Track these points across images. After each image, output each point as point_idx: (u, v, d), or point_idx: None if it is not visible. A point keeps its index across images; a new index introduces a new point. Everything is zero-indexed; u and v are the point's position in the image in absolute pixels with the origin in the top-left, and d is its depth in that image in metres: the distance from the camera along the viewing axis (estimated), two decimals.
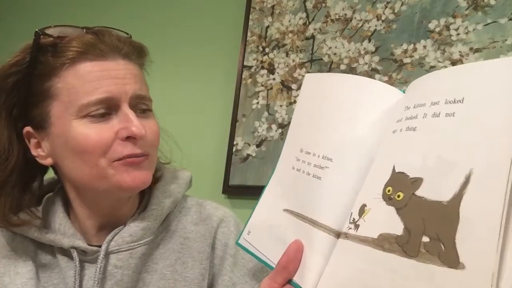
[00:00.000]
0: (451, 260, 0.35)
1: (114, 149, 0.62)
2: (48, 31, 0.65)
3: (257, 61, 1.56)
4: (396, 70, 1.35)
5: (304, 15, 1.52)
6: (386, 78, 1.35)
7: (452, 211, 0.36)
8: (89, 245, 0.68)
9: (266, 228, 0.57)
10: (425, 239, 0.38)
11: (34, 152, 0.67)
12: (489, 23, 1.25)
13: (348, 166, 0.49)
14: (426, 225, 0.38)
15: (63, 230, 0.69)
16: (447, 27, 1.30)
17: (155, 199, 0.71)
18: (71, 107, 0.63)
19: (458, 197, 0.36)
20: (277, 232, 0.55)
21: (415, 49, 1.33)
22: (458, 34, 1.28)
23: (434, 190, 0.38)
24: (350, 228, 0.46)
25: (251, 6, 1.60)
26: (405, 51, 1.34)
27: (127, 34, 0.70)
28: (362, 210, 0.45)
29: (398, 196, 0.41)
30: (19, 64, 0.65)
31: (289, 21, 1.54)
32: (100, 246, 0.67)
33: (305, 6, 1.52)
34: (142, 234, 0.68)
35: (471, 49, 1.26)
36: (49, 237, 0.68)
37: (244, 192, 1.50)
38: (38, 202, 0.74)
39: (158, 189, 0.73)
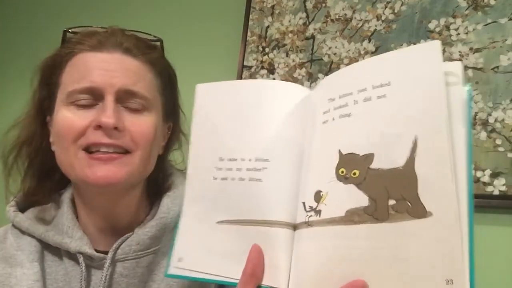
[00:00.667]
0: (420, 212, 0.42)
1: (85, 137, 0.63)
2: (74, 30, 0.70)
3: (257, 61, 1.56)
4: None
5: (304, 15, 1.52)
6: None
7: (409, 173, 0.43)
8: (96, 250, 0.67)
9: (201, 248, 0.55)
10: (391, 202, 0.43)
11: (50, 139, 0.70)
12: (489, 23, 1.25)
13: (285, 162, 0.52)
14: (389, 190, 0.44)
15: (70, 233, 0.68)
16: (447, 27, 1.30)
17: (165, 207, 0.70)
18: (63, 94, 0.66)
19: (411, 160, 0.43)
20: (217, 247, 0.54)
21: None
22: (458, 34, 1.28)
23: (387, 160, 0.44)
24: (311, 216, 0.48)
25: (251, 6, 1.60)
26: None
27: (155, 36, 0.72)
28: (318, 196, 0.48)
29: (354, 173, 0.46)
30: (48, 59, 0.71)
31: (289, 21, 1.54)
32: (106, 253, 0.66)
33: (305, 6, 1.52)
34: (150, 243, 0.67)
35: (471, 49, 1.26)
36: (56, 239, 0.67)
37: None
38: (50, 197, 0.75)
39: (168, 196, 0.72)
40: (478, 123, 1.22)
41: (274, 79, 1.52)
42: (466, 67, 1.26)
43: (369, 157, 0.45)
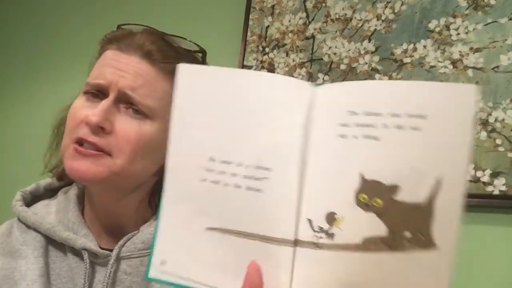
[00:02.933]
0: (429, 245, 0.45)
1: (76, 130, 0.64)
2: (125, 28, 0.73)
3: (257, 61, 1.56)
4: (396, 70, 1.35)
5: (304, 15, 1.52)
6: (386, 78, 1.35)
7: (428, 209, 0.45)
8: (100, 247, 0.67)
9: (188, 253, 0.51)
10: (407, 234, 0.45)
11: None
12: (489, 23, 1.25)
13: (289, 172, 0.47)
14: (408, 224, 0.45)
15: (76, 230, 0.68)
16: (447, 27, 1.30)
17: None
18: (84, 84, 0.69)
19: (432, 199, 0.45)
20: (207, 255, 0.50)
21: (415, 49, 1.33)
22: (458, 34, 1.28)
23: (411, 194, 0.45)
24: (321, 238, 0.45)
25: (251, 6, 1.60)
26: (405, 51, 1.34)
27: (198, 46, 0.73)
28: (331, 218, 0.46)
29: (377, 202, 0.45)
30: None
31: (289, 21, 1.54)
32: (111, 250, 0.66)
33: (305, 6, 1.52)
34: None
35: (471, 49, 1.26)
36: (62, 235, 0.68)
37: None
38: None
39: None
40: (478, 123, 1.22)
41: None
42: (466, 67, 1.26)
43: (394, 189, 0.45)
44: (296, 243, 0.46)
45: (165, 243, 0.52)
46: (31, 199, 0.75)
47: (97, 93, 0.66)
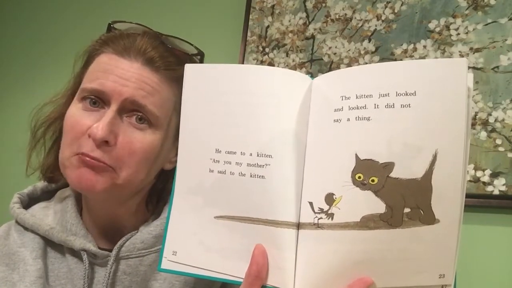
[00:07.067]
0: (430, 219, 0.45)
1: (78, 143, 0.63)
2: (116, 25, 0.70)
3: (257, 61, 1.56)
4: None
5: (304, 15, 1.52)
6: None
7: (426, 184, 0.45)
8: (99, 248, 0.67)
9: (198, 243, 0.53)
10: (406, 210, 0.45)
11: None
12: (489, 23, 1.25)
13: (289, 159, 0.50)
14: (405, 199, 0.45)
15: (74, 231, 0.68)
16: (447, 27, 1.30)
17: None
18: (79, 88, 0.66)
19: (429, 173, 0.45)
20: (216, 243, 0.52)
21: (415, 49, 1.33)
22: (458, 34, 1.28)
23: (407, 170, 0.45)
24: (321, 218, 0.48)
25: (251, 6, 1.60)
26: (405, 51, 1.34)
27: (196, 48, 0.72)
28: (330, 199, 0.48)
29: (373, 180, 0.46)
30: (89, 46, 0.72)
31: (289, 21, 1.54)
32: (111, 250, 0.66)
33: (305, 6, 1.52)
34: (154, 242, 0.67)
35: (471, 49, 1.26)
36: (61, 237, 0.67)
37: None
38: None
39: None
40: (478, 123, 1.22)
41: None
42: None
43: (389, 166, 0.46)
44: (298, 225, 0.49)
45: (175, 235, 0.54)
46: (29, 202, 0.75)
47: (96, 99, 0.64)
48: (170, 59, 0.67)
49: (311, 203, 0.49)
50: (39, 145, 0.73)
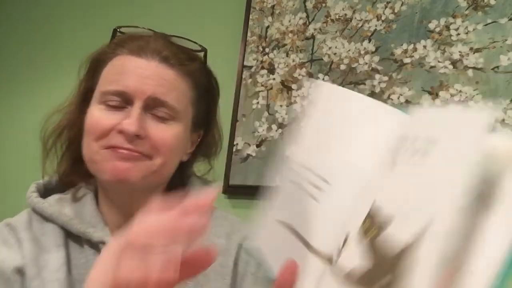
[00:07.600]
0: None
1: (108, 138, 0.66)
2: (122, 30, 0.73)
3: (257, 61, 1.56)
4: (396, 70, 1.35)
5: (304, 15, 1.52)
6: (386, 78, 1.35)
7: (407, 256, 0.36)
8: None
9: (264, 233, 0.56)
10: (386, 279, 0.37)
11: None
12: (489, 23, 1.25)
13: (344, 192, 0.46)
14: (386, 269, 0.38)
15: (93, 223, 0.70)
16: (447, 27, 1.30)
17: None
18: (97, 92, 0.69)
19: (416, 242, 0.36)
20: (269, 240, 0.55)
21: (415, 49, 1.33)
22: (458, 34, 1.28)
23: (398, 231, 0.38)
24: (336, 260, 0.45)
25: (251, 6, 1.60)
26: (405, 51, 1.34)
27: (200, 46, 0.74)
28: (345, 241, 0.44)
29: (373, 230, 0.41)
30: (96, 53, 0.74)
31: (289, 21, 1.54)
32: None
33: (305, 6, 1.52)
34: None
35: (471, 49, 1.26)
36: (80, 228, 0.69)
37: (244, 192, 1.50)
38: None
39: None
40: None
41: (274, 79, 1.53)
42: (466, 67, 1.26)
43: (388, 220, 0.39)
44: (329, 259, 0.47)
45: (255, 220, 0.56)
46: (44, 192, 0.76)
47: (118, 100, 0.67)
48: (182, 56, 0.71)
49: (345, 240, 0.45)
50: (51, 153, 0.76)
